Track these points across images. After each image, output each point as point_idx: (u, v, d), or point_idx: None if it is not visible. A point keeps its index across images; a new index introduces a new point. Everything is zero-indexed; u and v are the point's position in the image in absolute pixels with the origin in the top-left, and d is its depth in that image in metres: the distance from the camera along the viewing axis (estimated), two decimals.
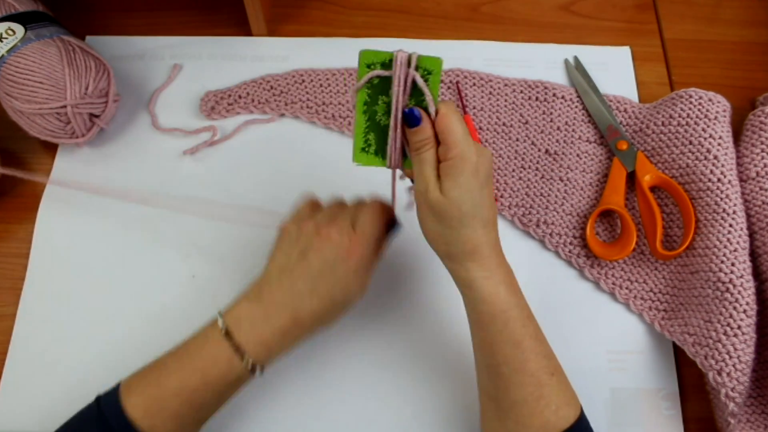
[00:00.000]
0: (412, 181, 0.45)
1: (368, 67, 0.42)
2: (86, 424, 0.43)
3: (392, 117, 0.42)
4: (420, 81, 0.41)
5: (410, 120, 0.41)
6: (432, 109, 0.41)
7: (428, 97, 0.41)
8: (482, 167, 0.42)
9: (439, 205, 0.42)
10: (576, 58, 0.69)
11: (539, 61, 0.69)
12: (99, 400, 0.43)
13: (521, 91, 0.66)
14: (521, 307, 0.44)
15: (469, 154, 0.41)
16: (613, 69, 0.68)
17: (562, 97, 0.65)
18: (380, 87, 0.42)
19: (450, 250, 0.43)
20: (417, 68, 0.41)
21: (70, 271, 0.58)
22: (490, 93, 0.66)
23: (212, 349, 0.44)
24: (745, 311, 0.51)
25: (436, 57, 0.40)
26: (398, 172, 0.47)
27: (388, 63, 0.41)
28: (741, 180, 0.58)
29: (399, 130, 0.43)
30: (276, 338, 0.44)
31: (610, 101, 0.65)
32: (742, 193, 0.57)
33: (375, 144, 0.44)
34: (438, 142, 0.42)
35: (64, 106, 0.57)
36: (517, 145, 0.64)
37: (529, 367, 0.43)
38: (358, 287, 0.46)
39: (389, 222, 0.48)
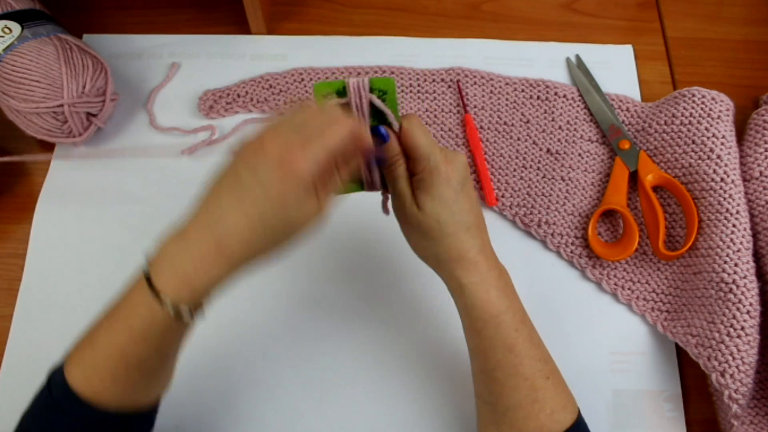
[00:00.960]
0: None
1: (324, 98, 0.42)
2: (38, 402, 0.41)
3: None
4: (377, 102, 0.41)
5: (378, 139, 0.42)
6: (395, 126, 0.42)
7: (389, 115, 0.42)
8: (454, 174, 0.42)
9: (416, 219, 0.42)
10: (578, 57, 0.69)
11: (541, 60, 0.69)
12: (49, 377, 0.41)
13: (522, 90, 0.66)
14: (514, 310, 0.44)
15: (438, 165, 0.41)
16: (616, 67, 0.68)
17: (564, 96, 0.65)
18: None
19: (437, 260, 0.44)
20: (372, 90, 0.41)
21: (67, 272, 0.58)
22: (491, 92, 0.66)
23: (134, 298, 0.38)
24: (748, 312, 0.51)
25: (387, 77, 0.41)
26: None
27: (342, 90, 0.42)
28: (744, 179, 0.58)
29: (371, 155, 0.42)
30: (198, 272, 0.37)
31: (612, 100, 0.65)
32: (746, 193, 0.57)
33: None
34: (407, 157, 0.42)
35: (61, 105, 0.57)
36: (519, 145, 0.64)
37: (522, 371, 0.43)
38: (302, 210, 0.37)
39: (371, 152, 0.42)
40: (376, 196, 0.47)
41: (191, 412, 0.53)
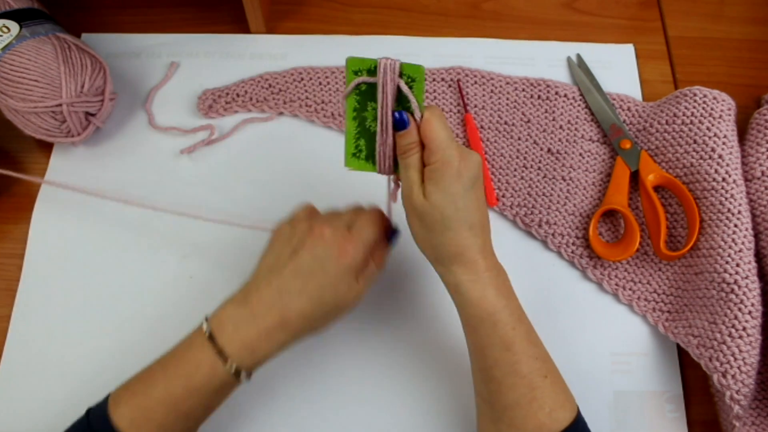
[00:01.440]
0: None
1: (355, 73, 0.43)
2: None
3: (378, 122, 0.43)
4: (404, 87, 0.42)
5: (398, 123, 0.42)
6: (417, 114, 0.42)
7: (413, 103, 0.42)
8: (466, 171, 0.42)
9: (422, 209, 0.43)
10: (579, 56, 0.69)
11: (541, 59, 0.69)
12: (89, 412, 0.43)
13: (523, 90, 0.66)
14: (511, 309, 0.44)
15: (451, 159, 0.42)
16: (617, 67, 0.68)
17: (565, 96, 0.65)
18: (369, 93, 0.43)
19: (436, 253, 0.44)
20: (401, 75, 0.42)
21: (65, 272, 0.58)
22: (492, 91, 0.66)
23: (196, 354, 0.43)
24: (750, 312, 0.51)
25: (418, 65, 0.41)
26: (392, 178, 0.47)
27: (373, 69, 0.42)
28: (746, 179, 0.58)
29: (388, 136, 0.43)
30: (261, 340, 0.43)
31: (614, 99, 0.65)
32: (747, 193, 0.57)
33: (366, 150, 0.45)
34: (423, 146, 0.43)
35: (60, 105, 0.57)
36: (519, 144, 0.64)
37: (520, 370, 0.43)
38: (350, 291, 0.44)
39: (388, 231, 0.48)
40: (383, 187, 0.48)
41: None
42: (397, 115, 0.42)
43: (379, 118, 0.43)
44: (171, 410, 0.42)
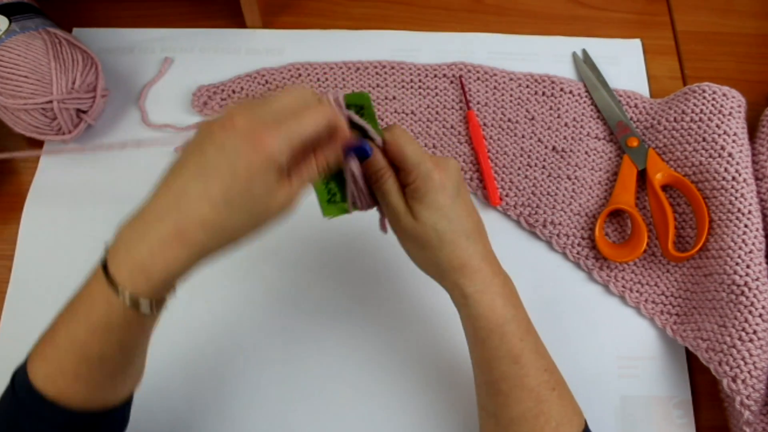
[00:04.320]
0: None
1: None
2: (2, 404, 0.40)
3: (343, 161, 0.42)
4: (356, 118, 0.41)
5: (360, 154, 0.42)
6: (378, 140, 0.42)
7: (369, 130, 0.41)
8: (448, 181, 0.42)
9: (414, 231, 0.42)
10: (584, 51, 0.69)
11: (546, 55, 0.69)
12: (14, 375, 0.40)
13: (527, 86, 0.66)
14: (519, 320, 0.44)
15: (430, 172, 0.41)
16: (623, 62, 0.68)
17: (570, 92, 0.66)
18: None
19: (439, 270, 0.44)
20: (348, 107, 0.41)
21: (56, 273, 0.58)
22: (495, 87, 0.66)
23: (92, 289, 0.37)
24: (760, 315, 0.51)
25: (361, 92, 0.41)
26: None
27: None
28: (756, 178, 0.58)
29: (356, 170, 0.42)
30: (155, 258, 0.35)
31: (620, 96, 0.65)
32: (758, 192, 0.57)
33: (339, 192, 0.44)
34: (397, 169, 0.42)
35: (50, 102, 0.57)
36: (523, 142, 0.64)
37: (527, 383, 0.43)
38: (269, 194, 0.36)
39: (350, 142, 0.41)
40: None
41: (183, 418, 0.54)
42: (358, 146, 0.42)
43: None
44: (79, 356, 0.37)
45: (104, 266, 0.36)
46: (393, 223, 0.44)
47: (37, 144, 0.63)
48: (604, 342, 0.57)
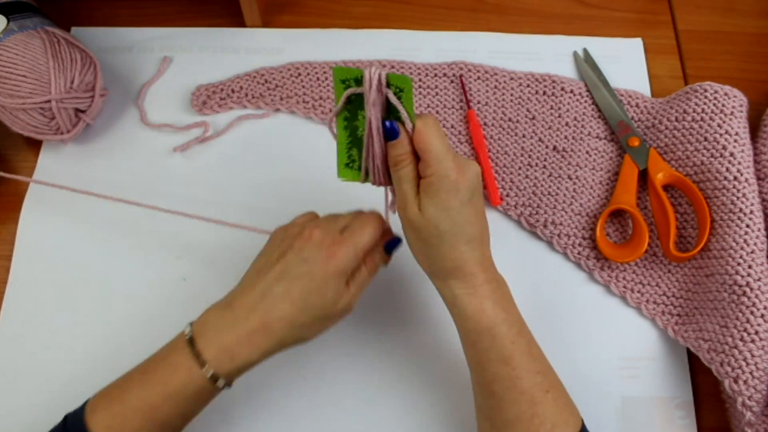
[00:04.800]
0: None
1: (342, 83, 0.42)
2: None
3: (366, 134, 0.43)
4: (393, 98, 0.41)
5: (388, 133, 0.42)
6: (408, 125, 0.42)
7: (403, 113, 0.41)
8: (464, 184, 0.42)
9: (417, 223, 0.42)
10: (585, 51, 0.69)
11: (547, 54, 0.69)
12: (66, 418, 0.43)
13: (528, 85, 0.66)
14: (510, 322, 0.44)
15: (448, 171, 0.41)
16: (625, 62, 0.68)
17: (571, 92, 0.66)
18: (358, 103, 0.43)
19: (432, 267, 0.44)
20: (388, 85, 0.41)
21: (55, 274, 0.58)
22: (496, 87, 0.66)
23: (174, 359, 0.43)
24: (762, 315, 0.51)
25: (405, 75, 0.41)
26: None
27: (361, 79, 0.42)
28: (758, 178, 0.58)
29: (378, 147, 0.43)
30: (242, 345, 0.42)
31: (621, 96, 0.65)
32: (760, 192, 0.57)
33: (359, 159, 0.45)
34: (418, 158, 0.42)
35: (49, 101, 0.57)
36: (524, 142, 0.64)
37: (520, 385, 0.43)
38: (338, 296, 0.43)
39: (387, 238, 0.47)
40: (379, 194, 0.48)
41: None
42: (387, 124, 0.42)
43: (367, 129, 0.42)
44: (147, 418, 0.42)
45: (190, 342, 0.42)
46: (400, 207, 0.44)
47: (35, 143, 0.63)
48: (605, 343, 0.57)
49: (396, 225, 0.47)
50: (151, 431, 0.42)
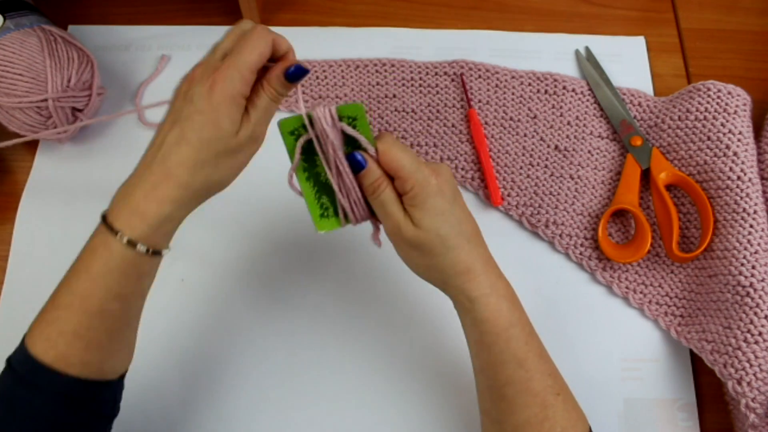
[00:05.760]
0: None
1: (291, 134, 0.42)
2: (1, 385, 0.41)
3: (333, 174, 0.43)
4: (349, 130, 0.41)
5: (355, 165, 0.42)
6: (371, 150, 0.42)
7: (362, 141, 0.42)
8: (445, 185, 0.42)
9: (417, 239, 0.42)
10: (587, 49, 0.69)
11: (548, 52, 0.69)
12: (8, 359, 0.42)
13: (529, 84, 0.66)
14: (523, 323, 0.44)
15: (428, 178, 0.42)
16: (627, 60, 0.69)
17: (573, 90, 0.66)
18: (311, 149, 0.43)
19: (444, 276, 0.44)
20: (341, 119, 0.41)
21: (51, 274, 0.58)
22: (497, 86, 0.66)
23: (91, 242, 0.41)
24: (766, 317, 0.51)
25: (354, 103, 0.41)
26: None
27: (311, 123, 0.42)
28: (762, 178, 0.58)
29: (349, 182, 0.43)
30: (148, 201, 0.40)
31: (624, 94, 0.65)
32: (764, 192, 0.57)
33: (331, 205, 0.45)
34: (392, 178, 0.42)
35: (45, 100, 0.57)
36: (525, 141, 0.64)
37: (533, 387, 0.43)
38: (235, 126, 0.41)
39: (288, 63, 0.43)
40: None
41: (180, 419, 0.54)
42: (352, 156, 0.42)
43: (335, 169, 0.42)
44: (80, 311, 0.40)
45: (104, 219, 0.41)
46: (392, 233, 0.44)
47: (32, 143, 0.63)
48: (607, 344, 0.57)
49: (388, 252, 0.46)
50: (90, 324, 0.40)
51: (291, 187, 0.44)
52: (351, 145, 0.42)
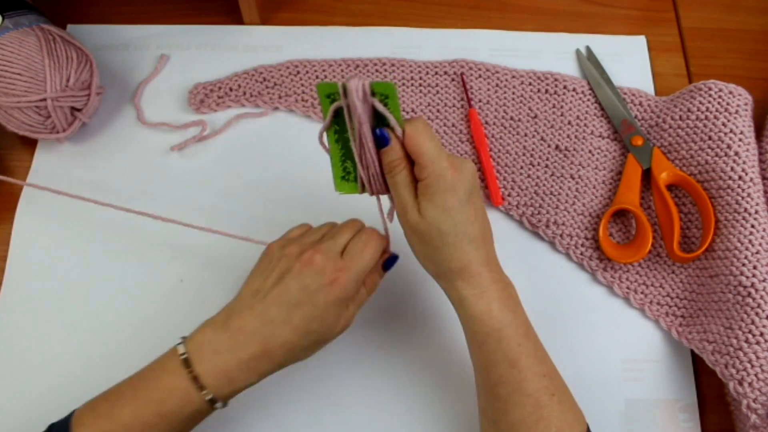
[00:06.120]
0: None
1: (328, 97, 0.43)
2: None
3: (358, 145, 0.43)
4: (379, 106, 0.42)
5: (379, 140, 0.42)
6: (398, 131, 0.42)
7: (391, 119, 0.42)
8: (461, 183, 0.42)
9: (418, 227, 0.43)
10: (588, 48, 0.69)
11: (549, 52, 0.69)
12: (51, 428, 0.43)
13: (530, 84, 0.66)
14: (517, 324, 0.44)
15: (443, 172, 0.42)
16: (628, 60, 0.69)
17: (574, 90, 0.66)
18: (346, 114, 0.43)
19: (438, 269, 0.45)
20: (373, 94, 0.42)
21: (50, 275, 0.58)
22: (497, 85, 0.66)
23: (169, 380, 0.42)
24: (767, 317, 0.51)
25: (388, 82, 0.41)
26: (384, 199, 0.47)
27: (346, 91, 0.42)
28: (763, 177, 0.58)
29: (371, 156, 0.43)
30: (241, 370, 0.42)
31: (625, 94, 0.65)
32: (765, 192, 0.57)
33: (354, 171, 0.46)
34: (413, 162, 0.43)
35: (44, 99, 0.57)
36: (526, 141, 0.64)
37: (526, 388, 0.43)
38: (338, 321, 0.44)
39: (386, 256, 0.48)
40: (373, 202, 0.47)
41: None
42: (377, 132, 0.42)
43: (358, 141, 0.43)
44: None
45: (186, 363, 0.42)
46: (400, 213, 0.44)
47: (31, 143, 0.63)
48: (608, 344, 0.57)
49: (395, 232, 0.47)
50: None
51: (320, 144, 0.45)
52: (381, 121, 0.42)
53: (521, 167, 0.63)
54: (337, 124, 0.44)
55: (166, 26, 0.69)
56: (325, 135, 0.45)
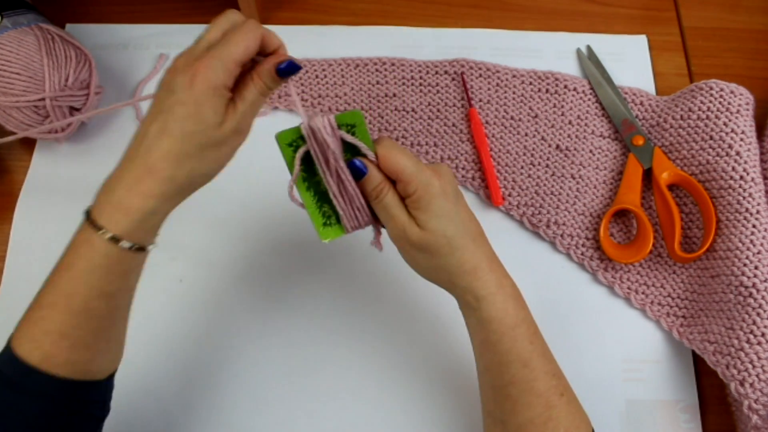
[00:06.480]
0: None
1: (290, 146, 0.42)
2: None
3: (334, 183, 0.43)
4: (349, 137, 0.42)
5: (356, 172, 0.42)
6: (371, 156, 0.42)
7: (362, 147, 0.42)
8: (447, 186, 0.43)
9: (423, 241, 0.42)
10: (589, 48, 0.69)
11: (550, 51, 0.69)
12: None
13: (530, 83, 0.66)
14: (528, 322, 0.44)
15: (430, 179, 0.42)
16: (629, 59, 0.69)
17: (574, 89, 0.66)
18: (309, 159, 0.43)
19: (451, 277, 0.44)
20: (339, 127, 0.42)
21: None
22: (498, 85, 0.66)
23: (75, 239, 0.40)
24: None
25: (353, 111, 0.41)
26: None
27: (309, 133, 0.42)
28: (765, 177, 0.58)
29: (351, 189, 0.43)
30: (131, 196, 0.39)
31: (626, 93, 0.65)
32: (766, 192, 0.57)
33: (334, 213, 0.45)
34: (393, 181, 0.43)
35: (43, 99, 0.57)
36: (526, 141, 0.64)
37: (537, 387, 0.43)
38: (219, 116, 0.40)
39: (280, 59, 0.42)
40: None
41: (178, 422, 0.54)
42: (353, 163, 0.42)
43: (335, 177, 0.42)
44: (65, 310, 0.39)
45: (87, 215, 0.40)
46: (397, 236, 0.44)
47: (29, 142, 0.63)
48: (609, 345, 0.57)
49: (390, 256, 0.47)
50: (76, 323, 0.40)
51: (292, 199, 0.44)
52: (350, 151, 0.42)
53: (522, 167, 0.63)
54: (305, 171, 0.44)
55: (166, 26, 0.69)
56: (294, 188, 0.44)
